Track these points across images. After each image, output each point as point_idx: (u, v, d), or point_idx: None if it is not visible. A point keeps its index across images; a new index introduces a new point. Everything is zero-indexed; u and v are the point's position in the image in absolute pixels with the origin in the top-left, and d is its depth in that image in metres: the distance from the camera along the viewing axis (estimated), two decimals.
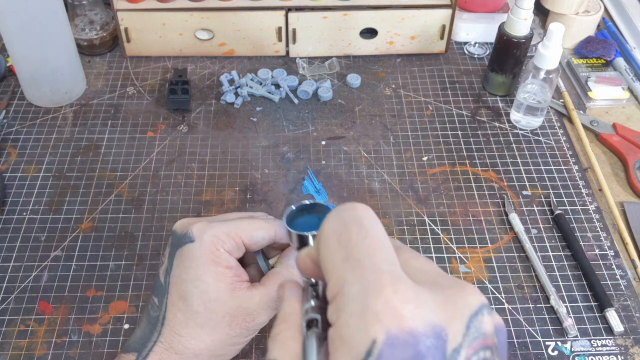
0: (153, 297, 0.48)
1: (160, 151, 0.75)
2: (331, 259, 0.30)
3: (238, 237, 0.46)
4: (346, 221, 0.30)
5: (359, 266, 0.28)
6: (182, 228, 0.48)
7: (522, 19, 0.75)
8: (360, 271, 0.28)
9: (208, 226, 0.46)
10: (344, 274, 0.28)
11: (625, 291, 0.62)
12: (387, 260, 0.28)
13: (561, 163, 0.75)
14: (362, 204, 0.31)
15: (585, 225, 0.68)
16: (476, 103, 0.82)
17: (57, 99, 0.79)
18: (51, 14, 0.73)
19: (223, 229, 0.46)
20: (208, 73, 0.85)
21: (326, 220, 0.31)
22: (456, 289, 0.29)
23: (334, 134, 0.77)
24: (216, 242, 0.45)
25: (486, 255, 0.65)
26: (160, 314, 0.47)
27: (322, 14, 0.83)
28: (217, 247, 0.46)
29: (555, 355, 0.57)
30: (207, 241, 0.45)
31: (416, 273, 0.30)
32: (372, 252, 0.29)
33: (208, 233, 0.46)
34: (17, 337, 0.58)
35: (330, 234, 0.30)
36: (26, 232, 0.66)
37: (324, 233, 0.31)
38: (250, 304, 0.46)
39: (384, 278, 0.27)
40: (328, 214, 0.32)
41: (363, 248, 0.29)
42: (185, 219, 0.49)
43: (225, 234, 0.46)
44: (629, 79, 0.84)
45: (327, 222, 0.31)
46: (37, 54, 0.74)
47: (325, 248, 0.30)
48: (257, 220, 0.48)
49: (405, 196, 0.70)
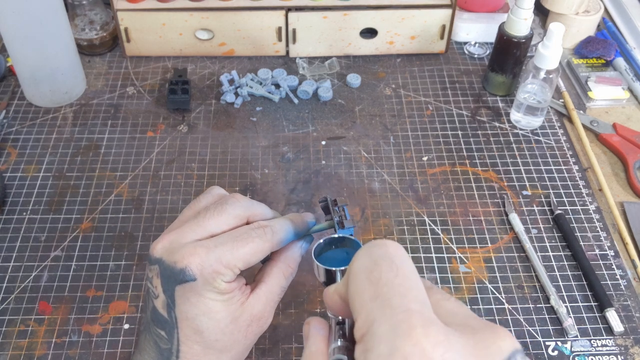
0: (157, 329, 0.46)
1: (160, 151, 0.75)
2: (360, 297, 0.29)
3: (235, 267, 0.45)
4: (376, 258, 0.30)
5: (388, 305, 0.27)
6: (171, 257, 0.44)
7: (522, 19, 0.75)
8: (390, 310, 0.27)
9: (206, 259, 0.44)
10: (373, 313, 0.28)
11: (625, 291, 0.62)
12: (418, 301, 0.28)
13: (561, 163, 0.75)
14: (394, 242, 0.31)
15: (586, 225, 0.68)
16: (476, 103, 0.82)
17: (57, 99, 0.79)
18: (51, 14, 0.73)
19: (221, 261, 0.44)
20: (208, 73, 0.85)
21: (356, 256, 0.31)
22: (488, 332, 0.28)
23: (334, 134, 0.77)
24: (217, 277, 0.44)
25: (486, 255, 0.65)
26: (173, 347, 0.46)
27: (322, 14, 0.83)
28: (217, 281, 0.44)
29: (555, 355, 0.57)
30: (209, 278, 0.44)
31: (447, 315, 0.29)
32: (402, 292, 0.28)
33: (208, 269, 0.44)
34: (17, 337, 0.58)
35: (360, 271, 0.30)
36: (26, 232, 0.66)
37: (354, 270, 0.30)
38: (259, 307, 0.47)
39: (414, 319, 0.26)
40: (358, 250, 0.32)
41: (394, 287, 0.28)
42: (166, 240, 0.46)
43: (223, 266, 0.44)
44: (629, 79, 0.84)
45: (357, 258, 0.30)
46: (37, 54, 0.74)
47: (354, 285, 0.30)
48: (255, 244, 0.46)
49: (405, 196, 0.70)
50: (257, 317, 0.47)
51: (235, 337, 0.46)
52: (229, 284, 0.45)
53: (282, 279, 0.48)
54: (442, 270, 0.63)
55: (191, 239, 0.45)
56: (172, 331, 0.45)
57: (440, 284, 0.62)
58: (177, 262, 0.44)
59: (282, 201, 0.69)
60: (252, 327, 0.46)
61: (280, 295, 0.49)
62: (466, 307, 0.31)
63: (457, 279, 0.63)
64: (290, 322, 0.59)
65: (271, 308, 0.48)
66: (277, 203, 0.69)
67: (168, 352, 0.46)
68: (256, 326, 0.47)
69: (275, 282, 0.48)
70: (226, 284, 0.45)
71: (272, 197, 0.70)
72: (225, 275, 0.44)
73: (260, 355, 0.57)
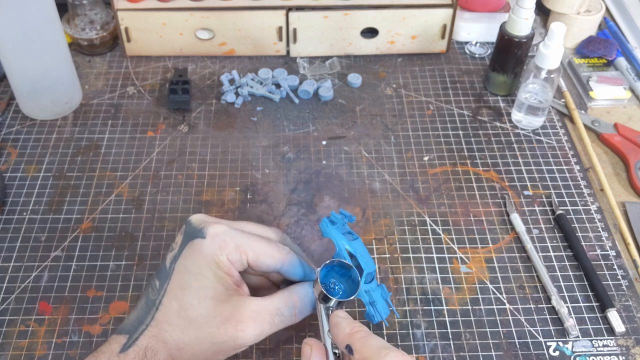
0: (155, 279, 0.48)
1: (160, 151, 0.75)
2: None
3: (244, 253, 0.47)
4: None
5: None
6: (200, 222, 0.49)
7: (524, 19, 0.75)
8: None
9: (223, 230, 0.48)
10: None
11: (627, 291, 0.62)
12: None
13: (562, 163, 0.74)
14: None
15: (587, 225, 0.68)
16: (477, 103, 0.82)
17: (58, 109, 0.78)
18: (49, 24, 0.71)
19: (235, 239, 0.47)
20: (208, 73, 0.85)
21: None
22: None
23: (334, 133, 0.77)
24: (224, 246, 0.47)
25: (487, 256, 0.65)
26: (158, 298, 0.47)
27: (323, 14, 0.83)
28: (222, 251, 0.46)
29: (556, 355, 0.57)
30: (216, 242, 0.47)
31: None
32: None
33: (220, 236, 0.47)
34: (18, 337, 0.58)
35: None
36: (26, 232, 0.66)
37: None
38: (245, 310, 0.46)
39: None
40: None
41: None
42: (204, 215, 0.51)
43: (234, 244, 0.47)
44: (630, 78, 0.84)
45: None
46: (37, 65, 0.73)
47: None
48: (271, 247, 0.49)
49: (406, 196, 0.70)
50: (237, 319, 0.45)
51: (209, 317, 0.45)
52: (229, 266, 0.47)
53: (282, 304, 0.48)
54: (443, 271, 0.63)
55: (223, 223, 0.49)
56: (164, 282, 0.47)
57: (442, 284, 0.62)
58: (200, 225, 0.48)
59: (283, 201, 0.69)
60: (228, 325, 0.45)
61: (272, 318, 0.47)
62: None
63: (458, 279, 0.63)
64: None
65: (257, 323, 0.46)
66: (278, 203, 0.69)
67: (152, 303, 0.47)
68: (233, 328, 0.45)
69: (273, 301, 0.47)
70: (227, 262, 0.46)
71: (272, 197, 0.70)
72: (231, 253, 0.47)
73: (261, 355, 0.57)
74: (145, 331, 0.46)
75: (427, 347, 0.57)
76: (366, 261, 0.51)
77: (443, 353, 0.57)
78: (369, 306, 0.50)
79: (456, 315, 0.60)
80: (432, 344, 0.58)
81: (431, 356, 0.57)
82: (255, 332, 0.46)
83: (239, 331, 0.45)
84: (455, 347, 0.57)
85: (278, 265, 0.49)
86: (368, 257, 0.52)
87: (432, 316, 0.60)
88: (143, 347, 0.45)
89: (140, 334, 0.45)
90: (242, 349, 0.47)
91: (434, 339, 0.58)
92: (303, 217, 0.68)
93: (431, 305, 0.60)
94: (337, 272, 0.50)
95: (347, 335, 0.44)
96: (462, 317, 0.60)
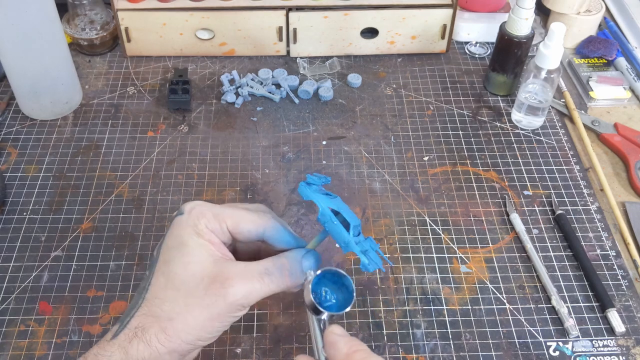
0: (146, 271, 0.48)
1: (160, 151, 0.75)
2: None
3: (223, 222, 0.47)
4: None
5: None
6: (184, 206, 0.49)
7: (524, 19, 0.75)
8: None
9: (199, 204, 0.48)
10: None
11: (627, 291, 0.62)
12: None
13: (562, 163, 0.74)
14: None
15: (587, 225, 0.68)
16: (477, 103, 0.82)
17: (58, 109, 0.78)
18: (49, 24, 0.71)
19: (212, 210, 0.47)
20: (208, 73, 0.85)
21: None
22: None
23: (334, 133, 0.77)
24: (201, 217, 0.47)
25: (487, 256, 0.65)
26: (147, 281, 0.46)
27: (323, 14, 0.83)
28: (200, 221, 0.46)
29: (556, 355, 0.57)
30: (193, 214, 0.47)
31: None
32: None
33: (196, 209, 0.47)
34: (18, 337, 0.58)
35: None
36: (26, 232, 0.66)
37: None
38: (232, 269, 0.45)
39: None
40: None
41: None
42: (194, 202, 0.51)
43: (211, 214, 0.47)
44: (630, 78, 0.84)
45: None
46: (37, 65, 0.73)
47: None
48: (249, 213, 0.48)
49: (406, 196, 0.70)
50: (224, 277, 0.44)
51: (195, 282, 0.44)
52: (210, 234, 0.46)
53: (270, 264, 0.46)
54: (443, 271, 0.63)
55: None
56: (153, 267, 0.47)
57: (441, 284, 0.62)
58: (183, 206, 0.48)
59: (283, 201, 0.69)
60: (215, 285, 0.44)
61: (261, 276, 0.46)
62: None
63: (458, 279, 0.63)
64: (291, 323, 0.59)
65: (245, 280, 0.45)
66: (278, 203, 0.69)
67: (142, 289, 0.46)
68: (220, 287, 0.44)
69: (261, 262, 0.46)
70: (207, 230, 0.46)
71: (272, 197, 0.70)
72: (210, 222, 0.47)
73: (261, 355, 0.57)
74: (136, 313, 0.45)
75: (427, 347, 0.57)
76: (351, 216, 0.50)
77: (443, 353, 0.57)
78: (362, 255, 0.48)
79: (456, 315, 0.60)
80: (432, 344, 0.58)
81: (431, 356, 0.57)
82: (245, 288, 0.45)
83: (227, 287, 0.44)
84: (455, 347, 0.57)
85: (260, 229, 0.48)
86: (351, 212, 0.50)
87: (432, 316, 0.60)
88: (133, 328, 0.44)
89: (131, 317, 0.45)
90: (236, 313, 0.45)
91: (434, 339, 0.58)
92: (303, 217, 0.68)
93: (431, 305, 0.61)
94: (330, 280, 0.49)
95: (345, 356, 0.41)
96: (462, 317, 0.60)
